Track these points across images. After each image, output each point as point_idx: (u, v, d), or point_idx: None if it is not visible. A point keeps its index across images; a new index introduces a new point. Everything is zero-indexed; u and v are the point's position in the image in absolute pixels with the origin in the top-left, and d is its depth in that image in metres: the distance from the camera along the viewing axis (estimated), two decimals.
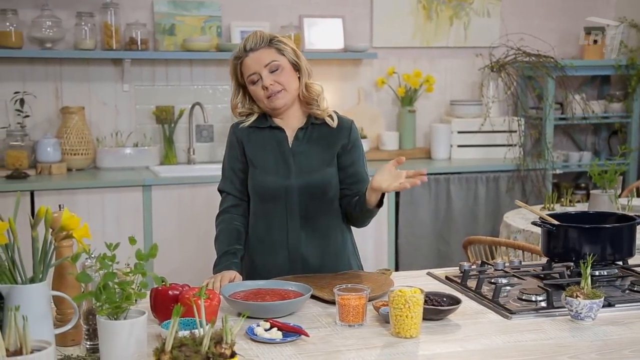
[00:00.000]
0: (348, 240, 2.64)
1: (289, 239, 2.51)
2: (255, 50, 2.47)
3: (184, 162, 4.67)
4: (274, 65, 2.47)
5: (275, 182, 2.50)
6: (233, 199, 2.59)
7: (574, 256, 2.37)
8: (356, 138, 2.58)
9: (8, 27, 4.28)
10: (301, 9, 4.87)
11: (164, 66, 4.64)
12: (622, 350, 1.85)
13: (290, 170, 2.51)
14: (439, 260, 4.58)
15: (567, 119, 5.09)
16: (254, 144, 2.56)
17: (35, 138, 4.37)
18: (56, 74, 4.47)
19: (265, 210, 2.54)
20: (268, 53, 2.48)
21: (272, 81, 2.46)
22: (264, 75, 2.46)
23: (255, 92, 2.50)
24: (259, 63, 2.46)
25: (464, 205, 4.68)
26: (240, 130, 2.59)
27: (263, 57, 2.47)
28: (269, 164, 2.52)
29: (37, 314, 1.61)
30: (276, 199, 2.51)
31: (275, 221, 2.52)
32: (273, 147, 2.54)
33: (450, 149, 4.97)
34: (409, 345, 1.88)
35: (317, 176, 2.50)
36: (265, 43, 2.48)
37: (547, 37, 5.16)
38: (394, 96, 5.07)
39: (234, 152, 2.59)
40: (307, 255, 2.52)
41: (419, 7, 5.08)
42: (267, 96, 2.47)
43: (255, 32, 2.53)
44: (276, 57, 2.48)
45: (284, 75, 2.48)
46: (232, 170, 2.59)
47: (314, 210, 2.52)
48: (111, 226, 4.02)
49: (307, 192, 2.50)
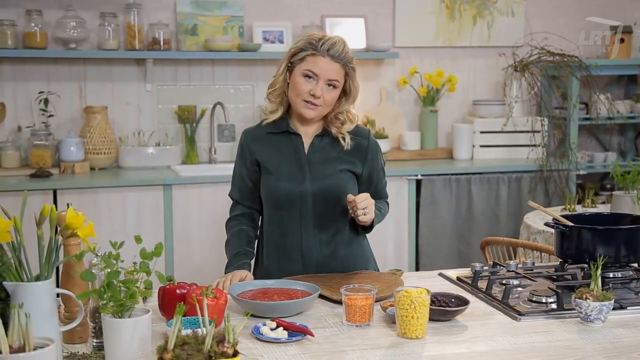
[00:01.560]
0: (363, 246, 2.62)
1: (302, 246, 2.50)
2: (333, 58, 2.42)
3: (206, 161, 4.70)
4: (334, 82, 2.43)
5: (289, 188, 2.48)
6: (242, 208, 2.60)
7: (587, 258, 2.34)
8: (374, 150, 2.57)
9: (33, 27, 4.34)
10: (323, 9, 4.87)
11: (186, 66, 4.67)
12: (631, 353, 1.84)
13: (305, 177, 2.49)
14: (459, 261, 4.55)
15: (591, 119, 5.04)
16: (268, 149, 2.53)
17: (58, 137, 4.43)
18: (80, 74, 4.52)
19: (279, 216, 2.52)
20: (339, 70, 2.43)
21: (321, 94, 2.42)
22: (320, 83, 2.42)
23: (300, 83, 2.43)
24: (327, 72, 2.41)
25: (485, 205, 4.65)
26: (252, 135, 2.56)
27: (334, 70, 2.42)
28: (283, 170, 2.50)
29: (42, 311, 1.63)
30: (290, 205, 2.49)
31: (290, 227, 2.51)
32: (288, 153, 2.52)
33: (472, 149, 4.94)
34: (414, 346, 1.88)
35: (332, 182, 2.48)
36: (344, 61, 2.43)
37: (572, 37, 5.11)
38: (415, 96, 5.05)
39: (244, 161, 2.57)
40: (322, 262, 2.51)
41: (441, 7, 5.06)
42: (305, 99, 2.43)
43: (342, 39, 2.46)
44: (341, 79, 2.45)
45: (332, 95, 2.45)
46: (242, 180, 2.58)
47: (328, 216, 2.50)
48: (132, 225, 4.06)
49: (321, 198, 2.48)
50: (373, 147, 2.58)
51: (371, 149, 2.56)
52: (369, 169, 2.56)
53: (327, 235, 2.51)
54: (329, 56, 2.42)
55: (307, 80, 2.43)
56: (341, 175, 2.50)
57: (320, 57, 2.42)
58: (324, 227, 2.50)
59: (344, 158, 2.52)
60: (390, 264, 4.23)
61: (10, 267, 1.64)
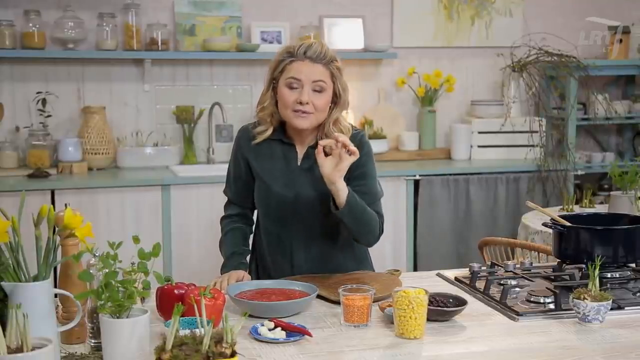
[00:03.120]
0: (358, 254, 2.57)
1: (293, 254, 2.48)
2: (312, 60, 2.35)
3: (204, 161, 4.70)
4: (321, 85, 2.35)
5: (281, 195, 2.45)
6: (236, 207, 2.60)
7: (585, 258, 2.34)
8: (366, 153, 2.45)
9: (31, 27, 4.34)
10: (321, 9, 4.87)
11: (184, 66, 4.67)
12: (629, 354, 1.84)
13: (297, 185, 2.45)
14: (458, 261, 4.55)
15: (589, 120, 5.04)
16: (262, 156, 2.49)
17: (57, 137, 4.42)
18: (78, 74, 4.52)
19: (271, 222, 2.50)
20: (323, 71, 2.36)
21: (310, 100, 2.34)
22: (306, 89, 2.34)
23: (285, 95, 2.36)
24: (309, 74, 2.34)
25: (483, 206, 4.65)
26: (248, 134, 2.51)
27: (316, 72, 2.35)
28: (275, 177, 2.46)
29: (40, 311, 1.63)
30: (282, 212, 2.46)
31: (281, 235, 2.48)
32: (281, 161, 2.47)
33: (470, 150, 4.94)
34: (412, 346, 1.88)
35: (324, 190, 2.35)
36: (326, 61, 2.36)
37: (570, 37, 5.11)
38: (414, 96, 5.05)
39: (238, 159, 2.54)
40: (313, 269, 2.47)
41: (440, 7, 5.06)
42: (294, 110, 2.35)
43: (321, 42, 2.40)
44: (326, 80, 2.36)
45: (323, 100, 2.36)
46: (235, 177, 2.57)
47: (320, 225, 2.46)
48: (130, 225, 4.05)
49: (313, 206, 2.43)
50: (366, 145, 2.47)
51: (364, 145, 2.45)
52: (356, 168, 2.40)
53: (319, 243, 2.48)
54: (308, 58, 2.35)
55: (292, 90, 2.36)
56: None
57: (300, 61, 2.35)
58: (315, 236, 2.47)
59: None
60: (388, 264, 4.23)
61: (8, 267, 1.65)
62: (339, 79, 2.40)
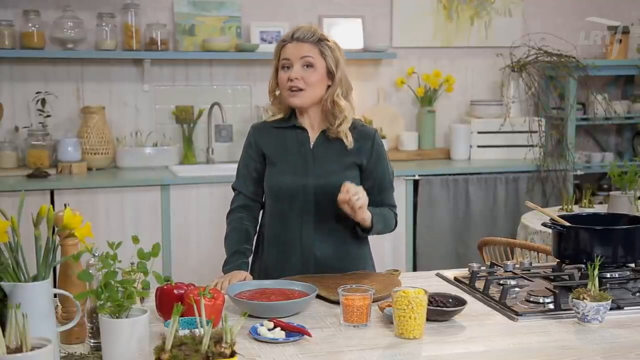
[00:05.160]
0: (363, 245, 2.61)
1: (302, 239, 2.51)
2: (300, 40, 2.47)
3: (203, 161, 4.70)
4: (308, 60, 2.46)
5: (292, 181, 2.50)
6: (244, 199, 2.61)
7: (584, 258, 2.34)
8: (379, 149, 2.55)
9: (30, 27, 4.34)
10: (321, 9, 4.87)
11: (183, 66, 4.67)
12: (628, 354, 1.84)
13: (309, 171, 2.50)
14: (457, 261, 4.55)
15: (589, 120, 5.05)
16: (274, 142, 2.56)
17: (56, 137, 4.42)
18: (77, 74, 4.52)
19: (280, 209, 2.54)
20: (310, 48, 2.47)
21: (300, 76, 2.45)
22: (295, 66, 2.45)
23: (281, 77, 2.49)
24: (297, 53, 2.46)
25: (483, 206, 4.65)
26: (260, 129, 2.60)
27: (304, 49, 2.46)
28: (287, 163, 2.52)
29: (40, 311, 1.63)
30: (292, 198, 2.51)
31: (290, 220, 2.52)
32: (294, 147, 2.53)
33: (469, 150, 4.94)
34: (411, 346, 1.88)
35: (335, 178, 2.45)
36: (314, 39, 2.47)
37: (569, 37, 5.11)
38: (413, 96, 5.06)
39: (251, 152, 2.60)
40: (320, 257, 2.51)
41: (439, 7, 5.06)
42: (288, 87, 2.46)
43: (310, 25, 2.57)
44: (315, 56, 2.47)
45: (313, 76, 2.46)
46: (247, 170, 2.60)
47: (329, 212, 2.49)
48: (130, 225, 4.05)
49: (323, 193, 2.48)
50: (378, 147, 2.56)
51: (376, 149, 2.55)
52: (373, 168, 2.54)
53: (327, 230, 2.52)
54: (295, 39, 2.48)
55: (285, 71, 2.48)
56: (345, 172, 2.50)
57: (289, 44, 2.49)
58: (324, 223, 2.51)
59: (349, 155, 2.51)
60: (387, 264, 4.23)
61: (8, 267, 1.65)
62: (328, 55, 2.49)
